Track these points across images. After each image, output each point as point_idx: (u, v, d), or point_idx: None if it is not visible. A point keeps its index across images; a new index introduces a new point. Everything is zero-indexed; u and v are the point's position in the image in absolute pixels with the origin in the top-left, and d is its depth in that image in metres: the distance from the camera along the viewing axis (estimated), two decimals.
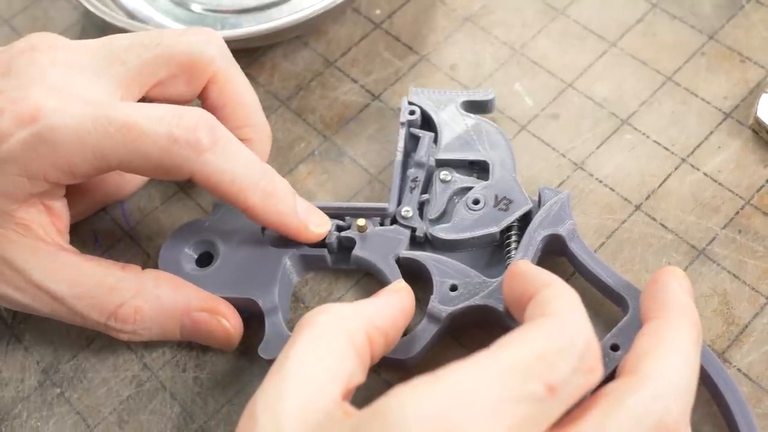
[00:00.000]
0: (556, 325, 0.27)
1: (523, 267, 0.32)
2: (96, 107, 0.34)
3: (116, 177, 0.41)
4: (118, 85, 0.36)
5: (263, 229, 0.39)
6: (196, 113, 0.34)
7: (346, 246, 0.38)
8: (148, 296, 0.36)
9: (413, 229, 0.38)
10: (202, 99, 0.39)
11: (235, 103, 0.39)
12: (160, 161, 0.34)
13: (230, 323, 0.37)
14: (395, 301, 0.33)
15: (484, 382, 0.25)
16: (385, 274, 0.37)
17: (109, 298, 0.36)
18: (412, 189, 0.39)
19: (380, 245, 0.38)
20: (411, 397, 0.25)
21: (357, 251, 0.38)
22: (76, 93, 0.35)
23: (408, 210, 0.38)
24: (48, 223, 0.36)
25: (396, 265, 0.37)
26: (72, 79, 0.35)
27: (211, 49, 0.38)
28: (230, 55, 0.39)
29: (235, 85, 0.39)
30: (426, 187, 0.40)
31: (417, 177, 0.39)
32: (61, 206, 0.37)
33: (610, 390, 0.28)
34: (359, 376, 0.30)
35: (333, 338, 0.29)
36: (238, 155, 0.35)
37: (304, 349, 0.29)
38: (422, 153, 0.40)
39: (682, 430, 0.28)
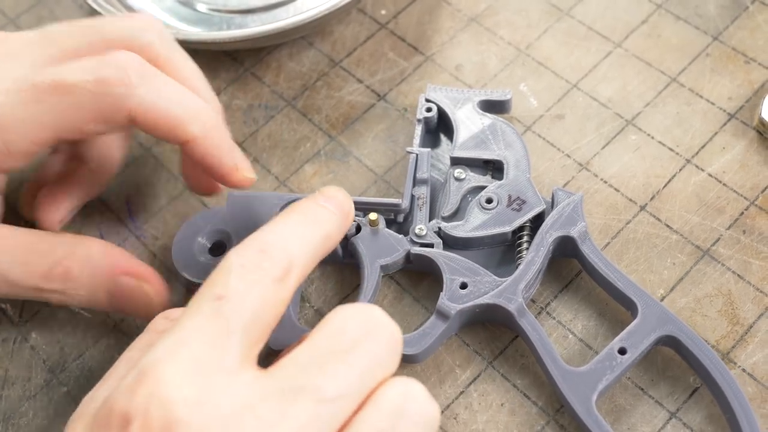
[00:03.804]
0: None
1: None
2: (19, 81, 0.34)
3: (87, 171, 0.41)
4: (51, 64, 0.36)
5: None
6: (122, 54, 0.35)
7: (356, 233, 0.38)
8: (79, 257, 0.36)
9: (431, 246, 0.38)
10: None
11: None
12: (96, 108, 0.34)
13: (152, 288, 0.37)
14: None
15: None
16: (364, 275, 0.37)
17: (41, 261, 0.36)
18: (420, 207, 0.39)
19: (377, 245, 0.38)
20: None
21: (356, 238, 0.38)
22: (2, 77, 0.34)
23: (422, 228, 0.38)
24: None
25: (378, 271, 0.37)
26: (2, 66, 0.35)
27: (148, 34, 0.37)
28: (172, 39, 0.38)
29: (179, 68, 0.38)
30: (433, 203, 0.40)
31: (422, 194, 0.39)
32: None
33: None
34: None
35: None
36: (172, 87, 0.35)
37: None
38: (424, 170, 0.40)
39: None
